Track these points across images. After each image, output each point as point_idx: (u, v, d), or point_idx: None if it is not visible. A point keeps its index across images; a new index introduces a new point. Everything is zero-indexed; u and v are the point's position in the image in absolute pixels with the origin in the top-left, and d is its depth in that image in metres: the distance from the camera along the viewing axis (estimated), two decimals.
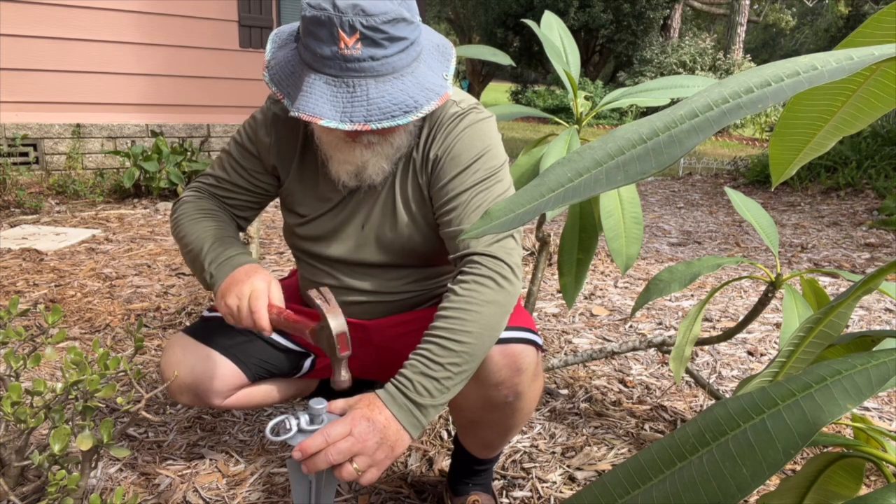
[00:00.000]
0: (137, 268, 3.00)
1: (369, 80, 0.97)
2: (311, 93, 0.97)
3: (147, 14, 4.97)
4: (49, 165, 4.85)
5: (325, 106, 0.96)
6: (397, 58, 0.98)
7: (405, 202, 1.18)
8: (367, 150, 1.08)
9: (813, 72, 0.43)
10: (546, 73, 18.04)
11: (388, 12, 0.96)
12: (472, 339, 1.00)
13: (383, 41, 0.96)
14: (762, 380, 0.68)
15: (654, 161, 0.42)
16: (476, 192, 1.11)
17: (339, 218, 1.22)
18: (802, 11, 25.96)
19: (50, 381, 1.86)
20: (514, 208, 0.46)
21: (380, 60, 0.97)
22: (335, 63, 0.96)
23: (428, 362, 0.98)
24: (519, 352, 1.11)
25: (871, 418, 1.82)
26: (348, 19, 0.94)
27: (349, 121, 0.96)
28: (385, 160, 1.12)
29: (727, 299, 2.88)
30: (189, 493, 1.43)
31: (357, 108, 0.96)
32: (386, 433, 0.94)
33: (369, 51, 0.96)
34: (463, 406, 1.18)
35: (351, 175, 1.13)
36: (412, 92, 0.99)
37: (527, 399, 1.16)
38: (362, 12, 0.94)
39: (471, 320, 1.00)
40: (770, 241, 1.52)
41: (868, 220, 4.63)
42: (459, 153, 1.12)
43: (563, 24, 1.80)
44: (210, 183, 1.29)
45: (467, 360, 1.00)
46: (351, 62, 0.96)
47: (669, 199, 5.70)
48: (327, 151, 1.13)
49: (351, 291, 1.27)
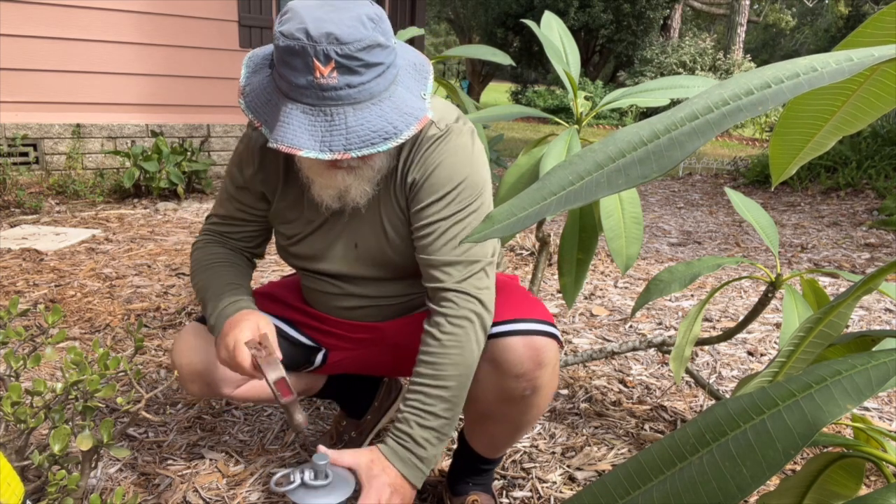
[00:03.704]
0: (137, 268, 3.00)
1: (347, 107, 0.96)
2: (288, 123, 0.96)
3: (147, 14, 4.97)
4: (49, 165, 4.85)
5: (303, 136, 0.95)
6: (374, 83, 0.97)
7: (391, 222, 1.18)
8: (348, 174, 1.07)
9: (813, 73, 0.43)
10: (546, 73, 18.05)
11: (363, 39, 0.94)
12: (456, 381, 1.08)
13: (359, 68, 0.95)
14: (762, 380, 0.68)
15: (656, 164, 0.42)
16: (451, 222, 1.11)
17: (329, 238, 1.22)
18: (802, 11, 25.96)
19: (50, 381, 1.86)
20: (515, 212, 0.46)
21: (357, 87, 0.96)
22: (312, 92, 0.95)
23: (422, 413, 1.07)
24: (543, 345, 1.11)
25: (871, 418, 1.83)
26: (322, 48, 0.92)
27: (329, 150, 0.95)
28: (367, 183, 1.11)
29: (727, 299, 2.88)
30: (189, 493, 1.43)
31: (336, 137, 0.95)
32: (403, 493, 1.06)
33: (346, 78, 0.95)
34: (479, 397, 1.18)
35: (334, 198, 1.13)
36: (391, 118, 0.98)
37: (542, 395, 1.16)
38: (336, 41, 0.93)
39: (452, 363, 1.08)
40: (770, 242, 1.52)
41: (868, 220, 4.63)
42: (436, 181, 1.11)
43: (563, 25, 1.80)
44: (215, 222, 1.31)
45: (456, 403, 1.09)
46: (327, 91, 0.95)
47: (669, 200, 5.70)
48: (309, 176, 1.12)
49: (354, 297, 1.28)
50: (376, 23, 0.97)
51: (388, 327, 1.30)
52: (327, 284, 1.28)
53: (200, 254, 1.29)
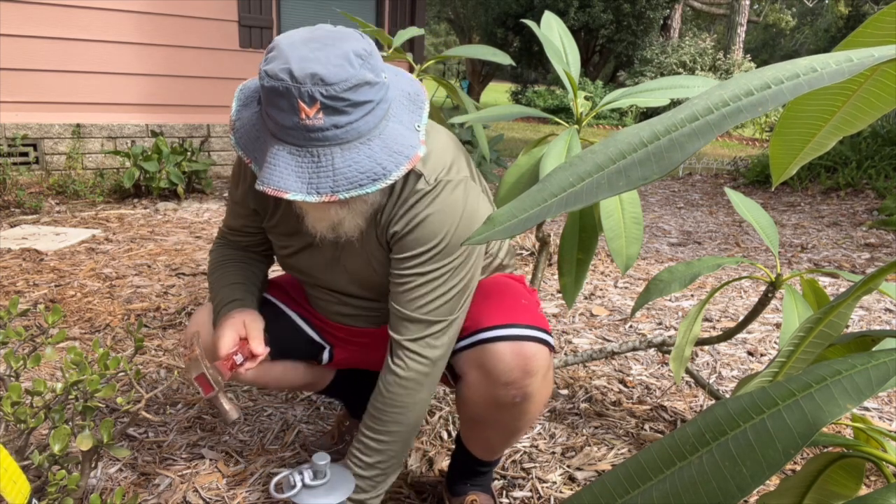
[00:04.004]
0: (137, 268, 3.00)
1: (334, 148, 0.93)
2: (275, 164, 0.94)
3: (147, 14, 4.97)
4: (49, 165, 4.85)
5: (289, 178, 0.93)
6: (362, 122, 0.94)
7: (375, 257, 1.17)
8: (341, 208, 1.05)
9: (812, 74, 0.43)
10: (546, 73, 18.04)
11: (349, 79, 0.91)
12: (395, 437, 1.16)
13: (346, 108, 0.92)
14: (762, 380, 0.68)
15: (656, 165, 0.42)
16: (423, 279, 1.09)
17: (321, 259, 1.23)
18: (802, 11, 25.96)
19: (50, 381, 1.86)
20: (516, 213, 0.46)
21: (344, 128, 0.93)
22: (298, 133, 0.93)
23: (360, 462, 1.16)
24: (532, 354, 1.10)
25: (871, 418, 1.83)
26: (307, 90, 0.90)
27: (315, 192, 0.93)
28: (360, 217, 1.09)
29: (727, 299, 2.88)
30: (189, 493, 1.43)
31: (323, 179, 0.93)
32: None
33: (332, 119, 0.92)
34: (471, 402, 1.18)
35: (328, 230, 1.11)
36: (380, 158, 0.95)
37: (534, 402, 1.15)
38: (321, 81, 0.90)
39: (393, 421, 1.15)
40: (770, 242, 1.52)
41: (868, 220, 4.63)
42: (418, 236, 1.08)
43: (563, 25, 1.80)
44: (225, 232, 1.35)
45: (393, 456, 1.18)
46: (314, 132, 0.92)
47: (669, 200, 5.70)
48: (303, 207, 1.10)
49: (348, 306, 1.29)
50: (364, 59, 0.94)
51: (380, 332, 1.31)
52: (324, 293, 1.30)
53: (214, 255, 1.33)
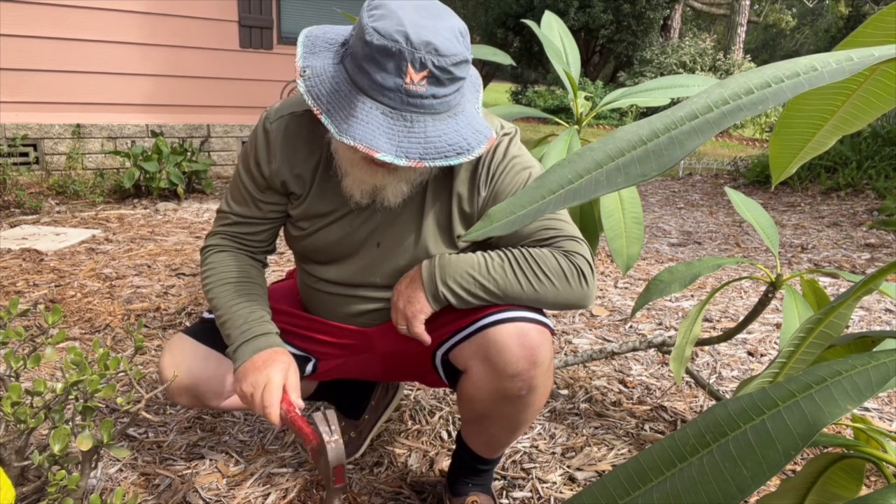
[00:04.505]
0: (137, 268, 3.00)
1: (427, 117, 0.96)
2: (367, 122, 0.94)
3: (147, 14, 4.97)
4: (49, 165, 4.85)
5: (381, 138, 0.94)
6: (453, 97, 0.99)
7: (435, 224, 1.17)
8: (388, 173, 1.05)
9: (813, 73, 0.43)
10: (546, 73, 18.04)
11: (458, 54, 0.95)
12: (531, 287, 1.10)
13: (447, 81, 0.96)
14: (762, 380, 0.68)
15: (655, 163, 0.42)
16: None
17: (350, 234, 1.19)
18: (802, 12, 25.98)
19: (50, 382, 1.86)
20: (514, 210, 0.46)
21: (440, 99, 0.96)
22: (396, 96, 0.94)
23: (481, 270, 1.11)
24: (537, 344, 1.11)
25: (872, 419, 1.82)
26: (420, 56, 0.92)
27: (405, 156, 0.94)
28: (406, 184, 1.09)
29: (727, 300, 2.88)
30: (189, 494, 1.43)
31: (413, 145, 0.95)
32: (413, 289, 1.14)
33: (433, 89, 0.95)
34: (475, 397, 1.17)
35: (366, 194, 1.10)
36: (465, 133, 0.99)
37: (539, 394, 1.16)
38: (435, 51, 0.93)
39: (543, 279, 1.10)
40: (770, 242, 1.52)
41: (868, 220, 4.63)
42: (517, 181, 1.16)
43: (563, 25, 1.80)
44: (233, 221, 1.25)
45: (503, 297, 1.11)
46: (413, 98, 0.95)
47: (669, 200, 5.70)
48: (344, 167, 1.09)
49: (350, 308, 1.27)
50: (465, 37, 0.99)
51: (375, 333, 1.28)
52: (324, 295, 1.27)
53: (217, 259, 1.24)
